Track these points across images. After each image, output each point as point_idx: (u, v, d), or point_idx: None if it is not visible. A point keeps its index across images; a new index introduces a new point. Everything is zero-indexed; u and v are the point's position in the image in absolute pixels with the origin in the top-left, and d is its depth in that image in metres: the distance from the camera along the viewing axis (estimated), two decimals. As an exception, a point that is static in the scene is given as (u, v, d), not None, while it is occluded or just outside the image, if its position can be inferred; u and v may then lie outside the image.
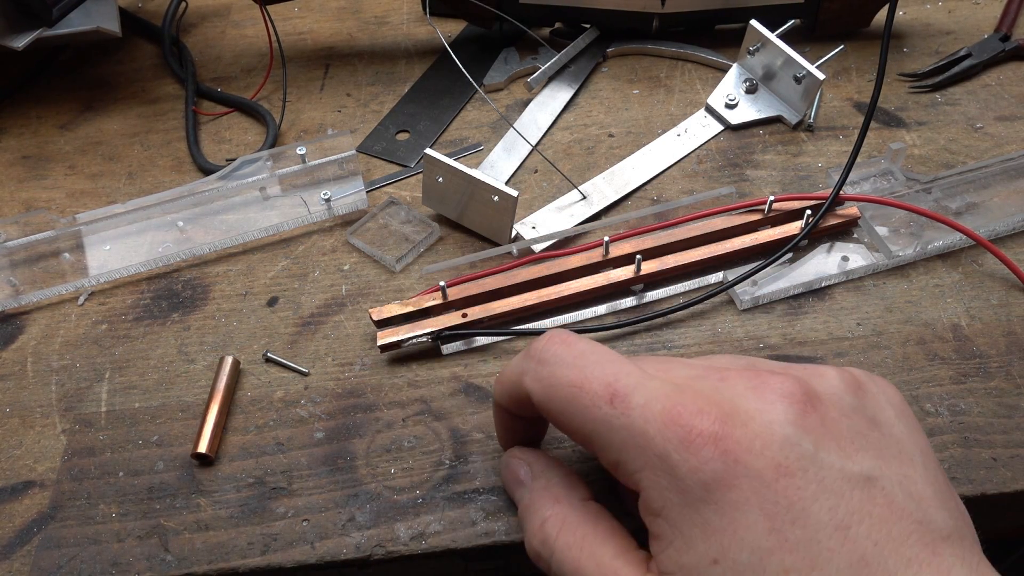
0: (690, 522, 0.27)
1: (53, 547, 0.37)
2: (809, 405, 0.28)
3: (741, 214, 0.47)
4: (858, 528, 0.26)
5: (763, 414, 0.28)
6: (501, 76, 0.58)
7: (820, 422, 0.28)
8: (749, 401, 0.29)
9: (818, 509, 0.26)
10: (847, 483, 0.27)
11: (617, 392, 0.29)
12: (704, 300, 0.44)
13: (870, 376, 0.31)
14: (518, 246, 0.47)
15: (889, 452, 0.28)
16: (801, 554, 0.26)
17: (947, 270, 0.46)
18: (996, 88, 0.56)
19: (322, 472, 0.39)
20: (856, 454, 0.28)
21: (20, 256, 0.47)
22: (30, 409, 0.43)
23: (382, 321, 0.43)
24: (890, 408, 0.30)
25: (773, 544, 0.26)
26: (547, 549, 0.31)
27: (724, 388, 0.29)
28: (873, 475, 0.27)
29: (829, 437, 0.28)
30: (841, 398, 0.30)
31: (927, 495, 0.28)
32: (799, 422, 0.28)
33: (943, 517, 0.27)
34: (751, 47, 0.54)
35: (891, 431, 0.29)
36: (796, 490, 0.27)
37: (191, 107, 0.58)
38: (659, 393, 0.29)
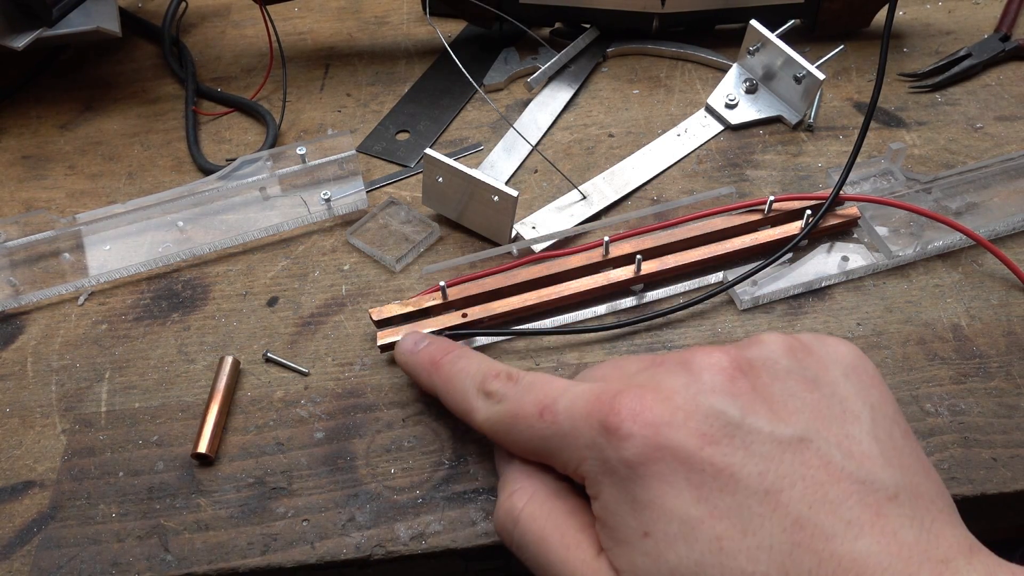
0: (619, 500, 0.28)
1: (53, 547, 0.37)
2: (738, 372, 0.29)
3: (741, 214, 0.47)
4: (790, 492, 0.26)
5: (688, 387, 0.28)
6: (501, 76, 0.58)
7: (749, 388, 0.28)
8: (676, 377, 0.29)
9: (746, 475, 0.26)
10: (777, 447, 0.27)
11: (545, 406, 0.31)
12: (704, 300, 0.44)
13: (819, 337, 0.31)
14: (518, 246, 0.47)
15: (830, 412, 0.28)
16: (731, 521, 0.26)
17: (947, 270, 0.46)
18: (996, 88, 0.56)
19: (322, 472, 0.39)
20: (789, 417, 0.28)
21: (20, 256, 0.47)
22: (30, 409, 0.43)
23: (382, 321, 0.43)
24: (836, 367, 0.30)
25: (702, 513, 0.26)
26: (511, 519, 0.32)
27: (657, 372, 0.30)
28: (807, 436, 0.27)
29: (759, 402, 0.28)
30: (776, 362, 0.30)
31: (872, 454, 0.27)
32: (725, 389, 0.28)
33: (890, 475, 0.27)
34: (751, 47, 0.54)
35: (834, 390, 0.29)
36: (722, 457, 0.27)
37: (191, 107, 0.58)
38: (581, 392, 0.30)
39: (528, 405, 0.32)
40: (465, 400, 0.35)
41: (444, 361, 0.38)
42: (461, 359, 0.37)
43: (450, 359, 0.38)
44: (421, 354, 0.39)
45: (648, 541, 0.27)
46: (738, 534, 0.26)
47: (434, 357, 0.38)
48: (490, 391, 0.34)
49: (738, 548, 0.25)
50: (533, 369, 0.42)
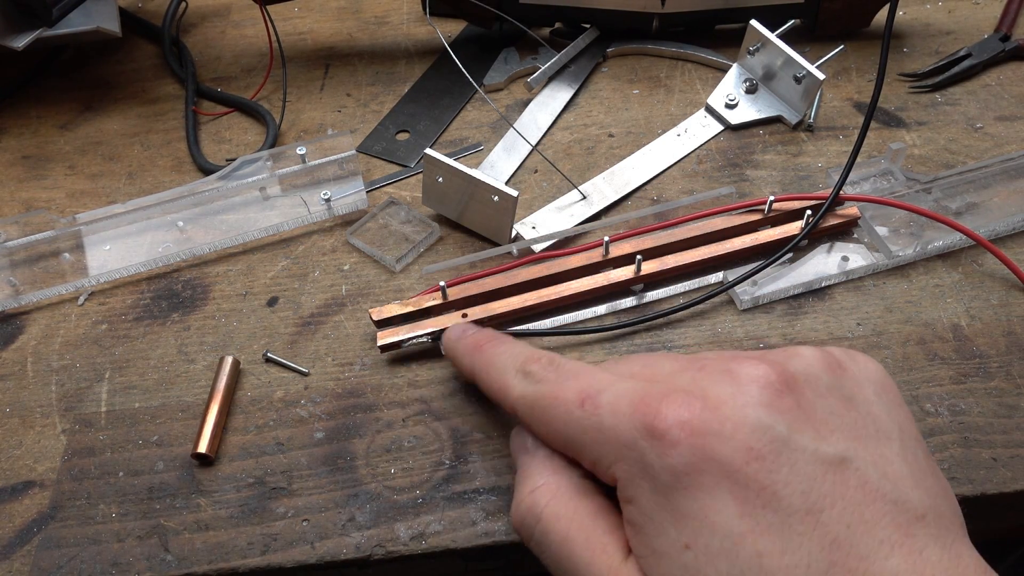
0: (661, 508, 0.27)
1: (53, 547, 0.37)
2: (784, 388, 0.28)
3: (741, 214, 0.47)
4: (831, 512, 0.26)
5: (735, 398, 0.28)
6: (501, 76, 0.58)
7: (795, 404, 0.28)
8: (722, 387, 0.29)
9: (790, 493, 0.26)
10: (820, 466, 0.27)
11: (587, 395, 0.30)
12: (704, 300, 0.44)
13: (849, 354, 0.31)
14: (518, 246, 0.47)
15: (865, 432, 0.28)
16: (773, 538, 0.26)
17: (947, 270, 0.46)
18: (996, 88, 0.56)
19: (322, 472, 0.39)
20: (831, 436, 0.28)
21: (20, 256, 0.47)
22: (30, 409, 0.43)
23: (382, 321, 0.43)
24: (869, 386, 0.30)
25: (745, 528, 0.26)
26: (533, 516, 0.31)
27: (700, 378, 0.30)
28: (847, 456, 0.27)
29: (803, 419, 0.28)
30: (818, 378, 0.29)
31: (903, 474, 0.27)
32: (772, 405, 0.28)
33: (919, 496, 0.27)
34: (751, 47, 0.54)
35: (868, 410, 0.29)
36: (768, 474, 0.27)
37: (191, 107, 0.58)
38: (627, 389, 0.30)
39: (570, 391, 0.31)
40: (502, 378, 0.34)
41: (487, 344, 0.37)
42: (505, 343, 0.37)
43: (494, 343, 0.37)
44: (468, 339, 0.39)
45: (688, 553, 0.27)
46: (778, 552, 0.26)
47: (479, 341, 0.38)
48: (530, 372, 0.33)
49: (777, 566, 0.25)
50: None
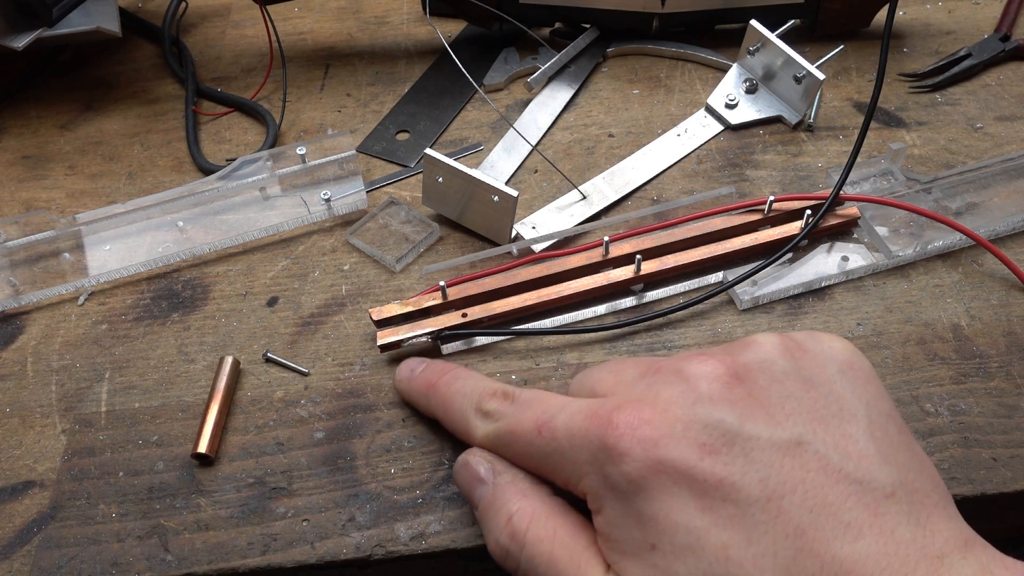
0: (623, 514, 0.28)
1: (53, 547, 0.37)
2: (733, 379, 0.29)
3: (741, 214, 0.47)
4: (791, 497, 0.26)
5: (684, 396, 0.29)
6: (501, 76, 0.58)
7: (745, 394, 0.28)
8: (672, 387, 0.29)
9: (747, 483, 0.26)
10: (776, 452, 0.27)
11: (543, 423, 0.31)
12: (704, 300, 0.44)
13: (813, 336, 0.31)
14: (518, 246, 0.47)
15: (826, 412, 0.28)
16: (736, 529, 0.26)
17: (947, 270, 0.46)
18: (996, 88, 0.56)
19: (322, 472, 0.39)
20: (786, 420, 0.28)
21: (20, 256, 0.47)
22: (30, 409, 0.43)
23: (382, 321, 0.43)
24: (832, 365, 0.30)
25: (707, 523, 0.26)
26: (516, 543, 0.31)
27: (654, 382, 0.30)
28: (804, 439, 0.27)
29: (755, 407, 0.28)
30: (772, 364, 0.30)
31: (868, 452, 0.27)
32: (721, 397, 0.28)
33: (887, 472, 0.27)
34: (751, 47, 0.54)
35: (830, 389, 0.29)
36: (723, 467, 0.27)
37: (191, 107, 0.58)
38: (579, 408, 0.30)
39: (526, 422, 0.32)
40: (463, 420, 0.36)
41: (440, 383, 0.38)
42: (456, 380, 0.38)
43: (446, 381, 0.38)
44: (417, 379, 0.40)
45: (656, 553, 0.27)
46: (743, 542, 0.26)
47: (430, 380, 0.39)
48: (487, 411, 0.34)
49: (743, 556, 0.26)
50: (533, 369, 0.42)
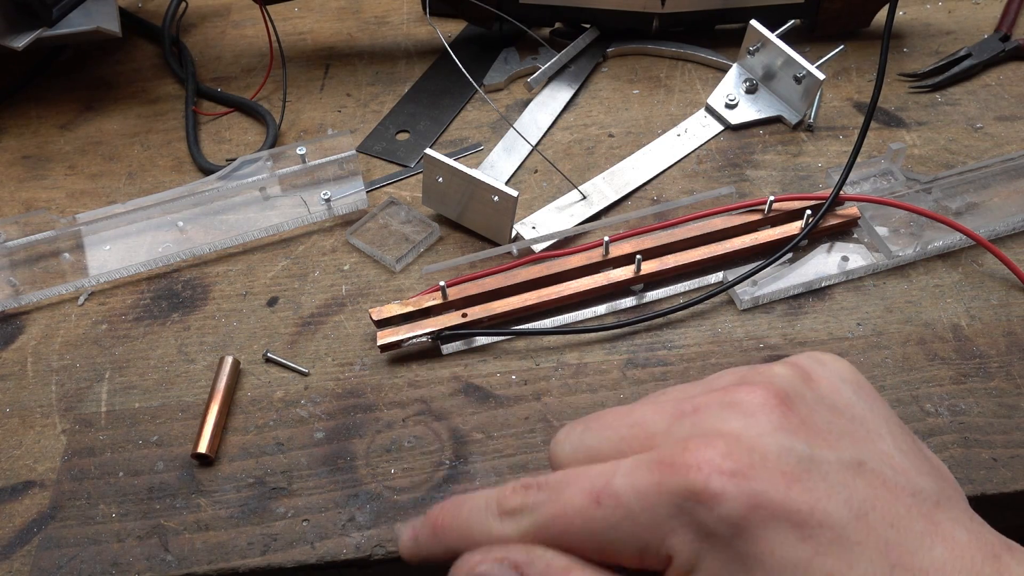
0: (727, 561, 0.26)
1: (53, 547, 0.37)
2: (784, 407, 0.28)
3: (741, 214, 0.47)
4: (873, 515, 0.26)
5: (749, 429, 0.28)
6: (501, 76, 0.58)
7: (800, 422, 0.28)
8: (730, 422, 0.28)
9: (836, 506, 0.26)
10: (847, 473, 0.27)
11: (599, 491, 0.28)
12: (704, 300, 0.44)
13: (814, 358, 0.31)
14: (518, 246, 0.47)
15: (860, 435, 0.28)
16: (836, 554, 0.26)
17: (947, 270, 0.46)
18: (996, 88, 0.56)
19: (322, 472, 0.39)
20: (838, 444, 0.28)
21: (20, 256, 0.47)
22: (30, 409, 0.43)
23: (382, 321, 0.43)
24: (846, 387, 0.30)
25: (810, 552, 0.26)
26: None
27: (700, 421, 0.28)
28: (862, 459, 0.27)
29: (813, 433, 0.28)
30: (803, 393, 0.29)
31: (906, 466, 0.28)
32: (784, 427, 0.28)
33: (927, 484, 0.27)
34: (751, 47, 0.54)
35: (853, 413, 0.29)
36: (809, 492, 0.26)
37: (191, 107, 0.58)
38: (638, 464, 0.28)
39: (575, 498, 0.28)
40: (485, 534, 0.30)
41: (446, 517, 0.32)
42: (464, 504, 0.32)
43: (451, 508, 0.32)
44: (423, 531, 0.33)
45: None
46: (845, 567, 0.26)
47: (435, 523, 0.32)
48: (512, 508, 0.30)
49: None
50: (533, 369, 0.42)
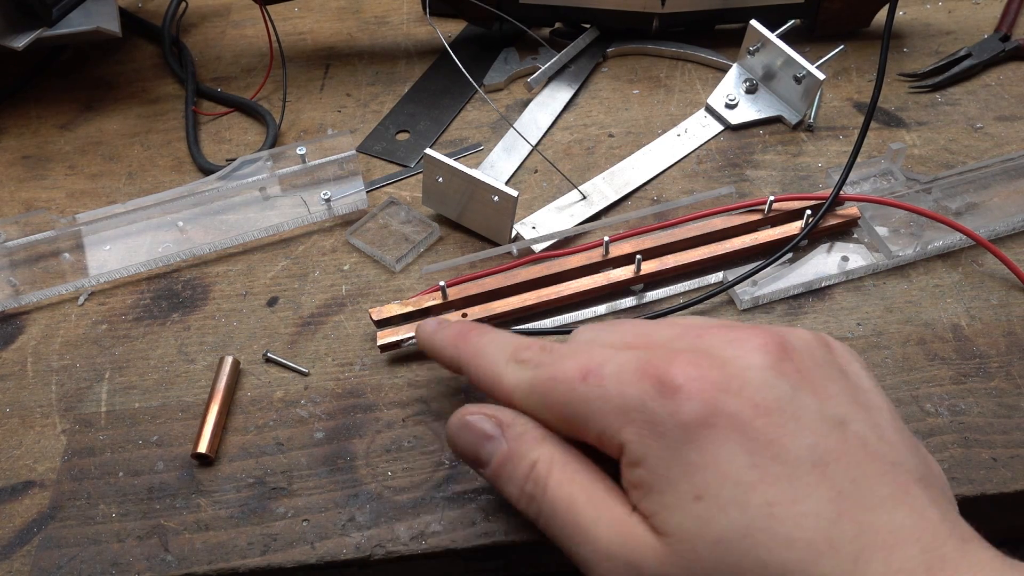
0: (671, 463, 0.28)
1: (53, 547, 0.37)
2: (784, 354, 0.30)
3: (741, 214, 0.47)
4: (836, 466, 0.27)
5: (740, 359, 0.29)
6: (501, 76, 0.58)
7: (795, 369, 0.29)
8: (726, 350, 0.30)
9: (797, 446, 0.27)
10: (824, 424, 0.28)
11: (589, 370, 0.30)
12: (704, 300, 0.44)
13: (838, 342, 0.33)
14: (518, 246, 0.47)
15: (859, 400, 0.30)
16: (783, 487, 0.26)
17: (947, 270, 0.46)
18: (996, 88, 0.56)
19: (322, 472, 0.39)
20: (830, 399, 0.29)
21: (20, 256, 0.47)
22: (30, 409, 0.43)
23: (382, 321, 0.43)
24: (856, 363, 0.32)
25: (755, 478, 0.27)
26: (539, 488, 0.31)
27: (701, 343, 0.30)
28: (847, 419, 0.28)
29: (805, 382, 0.29)
30: (814, 351, 0.31)
31: (896, 441, 0.29)
32: (775, 367, 0.29)
33: (914, 461, 0.28)
34: (751, 47, 0.54)
35: (859, 383, 0.31)
36: (775, 427, 0.27)
37: (191, 107, 0.58)
38: (631, 358, 0.30)
39: (570, 369, 0.31)
40: (494, 368, 0.34)
41: (472, 334, 0.36)
42: (490, 332, 0.36)
43: (478, 332, 0.37)
44: (448, 330, 0.38)
45: (700, 504, 0.27)
46: (788, 501, 0.26)
47: (462, 331, 0.37)
48: (524, 359, 0.33)
49: (787, 514, 0.26)
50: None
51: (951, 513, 0.27)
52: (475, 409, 0.34)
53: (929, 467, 0.29)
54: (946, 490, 0.29)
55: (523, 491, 0.32)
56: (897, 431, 0.29)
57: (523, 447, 0.32)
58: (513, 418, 0.33)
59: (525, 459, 0.32)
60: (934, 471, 0.30)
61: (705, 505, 0.27)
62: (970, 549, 0.26)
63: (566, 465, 0.31)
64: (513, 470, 0.32)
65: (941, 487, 0.29)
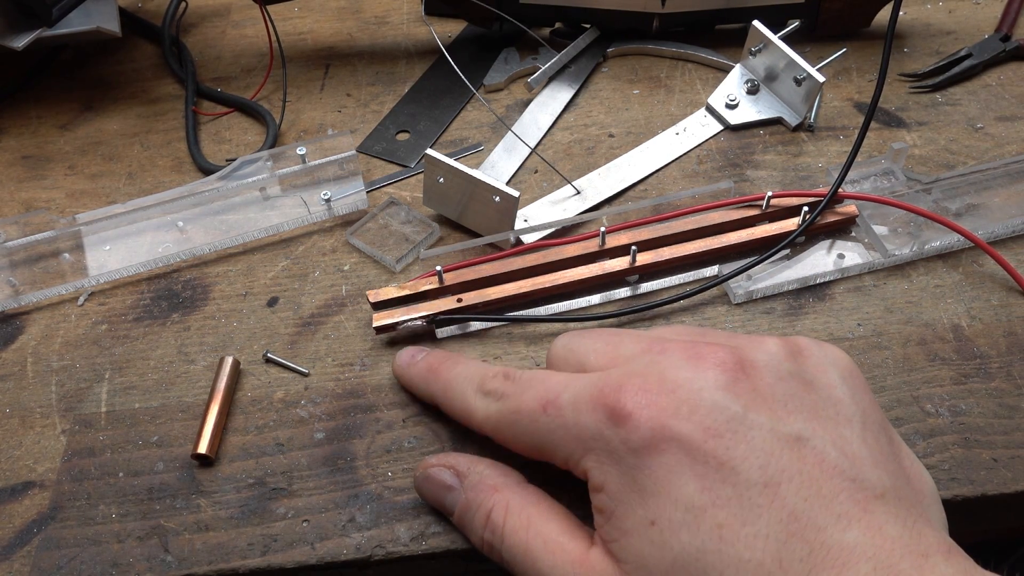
0: (628, 489, 0.28)
1: (53, 548, 0.37)
2: (741, 372, 0.30)
3: (738, 209, 0.47)
4: (788, 485, 0.27)
5: (692, 381, 0.29)
6: (501, 76, 0.58)
7: (751, 388, 0.29)
8: (681, 371, 0.30)
9: (748, 467, 0.27)
10: (777, 442, 0.28)
11: (548, 400, 0.32)
12: (697, 293, 0.44)
13: (817, 343, 0.33)
14: (514, 235, 0.47)
15: (825, 413, 0.29)
16: (732, 510, 0.27)
17: (947, 270, 0.46)
18: (996, 88, 0.56)
19: (322, 473, 0.39)
20: (788, 416, 0.29)
21: (20, 256, 0.47)
22: (30, 409, 0.43)
23: (379, 303, 0.44)
24: (833, 370, 0.31)
25: (706, 501, 0.27)
26: (497, 537, 0.32)
27: (660, 360, 0.31)
28: (804, 435, 0.28)
29: (760, 401, 0.29)
30: (778, 364, 0.31)
31: (862, 455, 0.28)
32: (729, 388, 0.29)
33: (878, 476, 0.28)
34: (753, 48, 0.54)
35: (830, 393, 0.30)
36: (725, 450, 0.28)
37: (191, 107, 0.58)
38: (585, 385, 0.31)
39: (530, 401, 0.32)
40: (464, 401, 0.36)
41: (442, 368, 0.38)
42: (458, 365, 0.38)
43: (448, 365, 0.38)
44: (419, 364, 0.40)
45: (654, 529, 0.28)
46: (738, 523, 0.27)
47: (432, 365, 0.39)
48: (489, 390, 0.35)
49: (737, 536, 0.26)
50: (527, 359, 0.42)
51: (918, 526, 0.27)
52: (435, 461, 0.36)
53: (905, 478, 0.29)
54: (926, 500, 0.29)
55: (483, 539, 0.33)
56: (865, 443, 0.29)
57: (479, 496, 0.33)
58: (469, 466, 0.35)
59: (481, 508, 0.33)
60: (913, 482, 0.29)
61: (658, 530, 0.27)
62: (929, 564, 0.26)
63: (522, 511, 0.32)
64: (471, 519, 0.34)
65: (912, 500, 0.28)
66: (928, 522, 0.28)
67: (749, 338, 0.32)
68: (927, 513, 0.29)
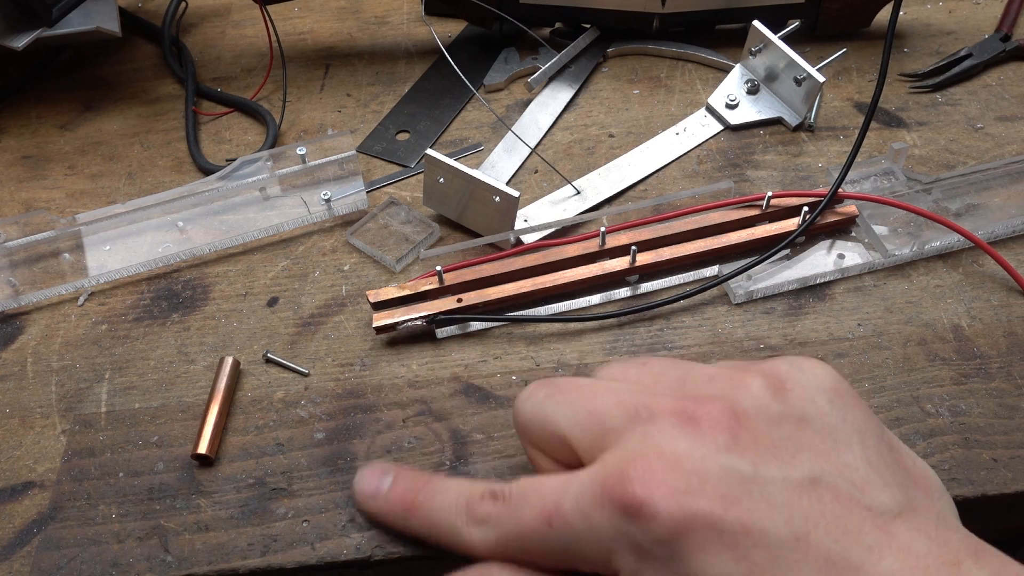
0: None
1: (53, 548, 0.37)
2: (737, 426, 0.29)
3: (738, 209, 0.47)
4: (816, 532, 0.27)
5: (694, 451, 0.28)
6: (501, 76, 0.58)
7: (752, 441, 0.28)
8: (680, 441, 0.29)
9: (774, 525, 0.27)
10: (794, 492, 0.27)
11: (550, 514, 0.30)
12: (697, 293, 0.44)
13: (798, 365, 0.31)
14: (514, 235, 0.47)
15: (825, 447, 0.29)
16: (772, 572, 0.26)
17: (948, 270, 0.46)
18: (997, 88, 0.56)
19: (322, 473, 0.39)
20: (794, 460, 0.28)
21: (20, 256, 0.47)
22: (30, 409, 0.43)
23: (379, 303, 0.44)
24: (820, 395, 0.30)
25: (744, 571, 0.26)
26: None
27: (652, 432, 0.29)
28: (815, 475, 0.28)
29: (765, 451, 0.28)
30: (768, 407, 0.30)
31: (869, 479, 0.28)
32: (732, 448, 0.28)
33: (889, 495, 0.28)
34: (753, 48, 0.54)
35: (823, 422, 0.29)
36: (747, 513, 0.27)
37: (191, 107, 0.58)
38: (585, 484, 0.29)
39: (530, 519, 0.30)
40: (456, 537, 0.33)
41: (419, 501, 0.35)
42: (436, 494, 0.34)
43: (425, 496, 0.34)
44: (389, 498, 0.36)
45: None
46: None
47: (405, 499, 0.35)
48: (480, 517, 0.32)
49: None
50: (533, 370, 0.42)
51: (941, 533, 0.27)
52: None
53: (913, 484, 0.29)
54: (936, 498, 0.29)
55: None
56: (870, 464, 0.28)
57: None
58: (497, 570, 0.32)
59: None
60: (920, 484, 0.29)
61: None
62: (963, 571, 0.26)
63: None
64: None
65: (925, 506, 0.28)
66: (947, 524, 0.28)
67: (729, 379, 0.31)
68: (943, 512, 0.29)
